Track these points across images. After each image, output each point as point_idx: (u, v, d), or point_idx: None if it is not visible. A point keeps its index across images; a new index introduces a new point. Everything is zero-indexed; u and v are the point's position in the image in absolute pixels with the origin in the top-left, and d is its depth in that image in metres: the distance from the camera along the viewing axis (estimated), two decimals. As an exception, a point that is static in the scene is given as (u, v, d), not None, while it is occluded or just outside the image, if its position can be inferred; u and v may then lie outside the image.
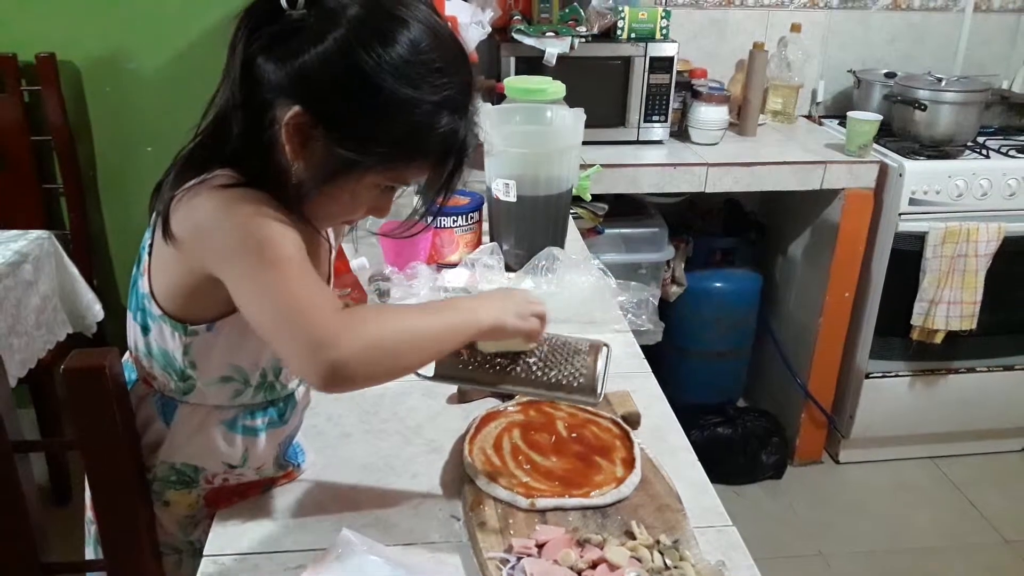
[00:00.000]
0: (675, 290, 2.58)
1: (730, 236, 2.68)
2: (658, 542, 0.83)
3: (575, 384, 0.91)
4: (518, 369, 0.92)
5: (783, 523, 2.43)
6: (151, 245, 0.87)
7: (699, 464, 1.03)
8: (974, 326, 2.37)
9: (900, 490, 2.59)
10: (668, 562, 0.80)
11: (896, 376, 2.52)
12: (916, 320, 2.38)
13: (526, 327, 0.91)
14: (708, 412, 2.62)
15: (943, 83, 2.38)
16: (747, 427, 2.58)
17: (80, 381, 0.80)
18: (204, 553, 0.86)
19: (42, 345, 2.00)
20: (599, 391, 0.91)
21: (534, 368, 0.92)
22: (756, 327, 2.71)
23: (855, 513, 2.49)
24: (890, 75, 2.58)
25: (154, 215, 0.84)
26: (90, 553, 1.01)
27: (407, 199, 1.61)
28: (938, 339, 2.39)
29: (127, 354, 0.93)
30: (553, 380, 0.91)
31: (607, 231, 2.39)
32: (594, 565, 0.80)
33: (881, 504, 2.52)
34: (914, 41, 2.75)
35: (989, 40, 2.77)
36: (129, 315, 0.91)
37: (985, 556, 2.33)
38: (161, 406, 0.91)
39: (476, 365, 0.92)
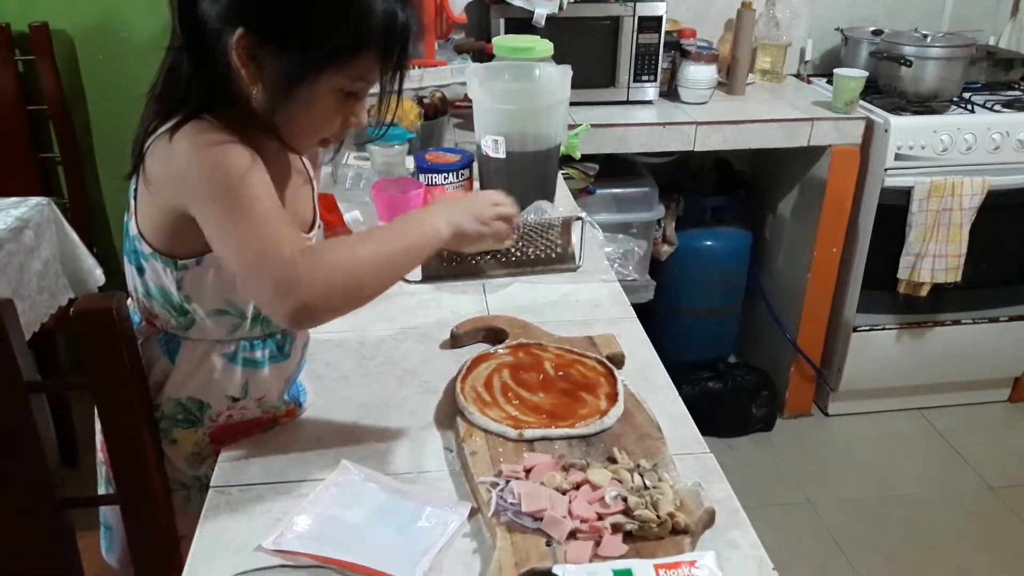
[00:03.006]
0: (666, 249, 2.62)
1: (720, 195, 2.71)
2: (638, 466, 0.88)
3: (553, 255, 0.96)
4: (499, 255, 0.96)
5: (773, 473, 2.50)
6: (135, 190, 0.91)
7: (680, 400, 1.08)
8: (959, 278, 2.42)
9: (887, 440, 2.65)
10: (647, 483, 0.85)
11: (883, 329, 2.57)
12: (902, 274, 2.43)
13: (489, 230, 0.95)
14: (699, 368, 2.68)
15: (928, 39, 2.41)
16: (737, 382, 2.64)
17: (89, 323, 0.85)
18: (211, 485, 0.92)
19: (45, 310, 2.04)
20: (578, 258, 0.95)
21: (513, 250, 0.96)
22: (746, 284, 2.76)
23: (843, 463, 2.55)
24: (877, 32, 2.60)
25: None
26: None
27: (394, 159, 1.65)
28: (924, 292, 2.44)
29: (129, 299, 0.98)
30: (532, 256, 0.96)
31: (598, 191, 2.42)
32: (578, 486, 0.85)
33: (869, 454, 2.59)
34: (901, -2, 2.77)
35: (977, -6, 2.79)
36: (125, 260, 0.95)
37: (969, 502, 2.40)
38: (165, 344, 0.96)
39: (458, 263, 0.97)
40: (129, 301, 0.97)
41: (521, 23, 2.21)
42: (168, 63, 0.88)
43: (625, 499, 0.82)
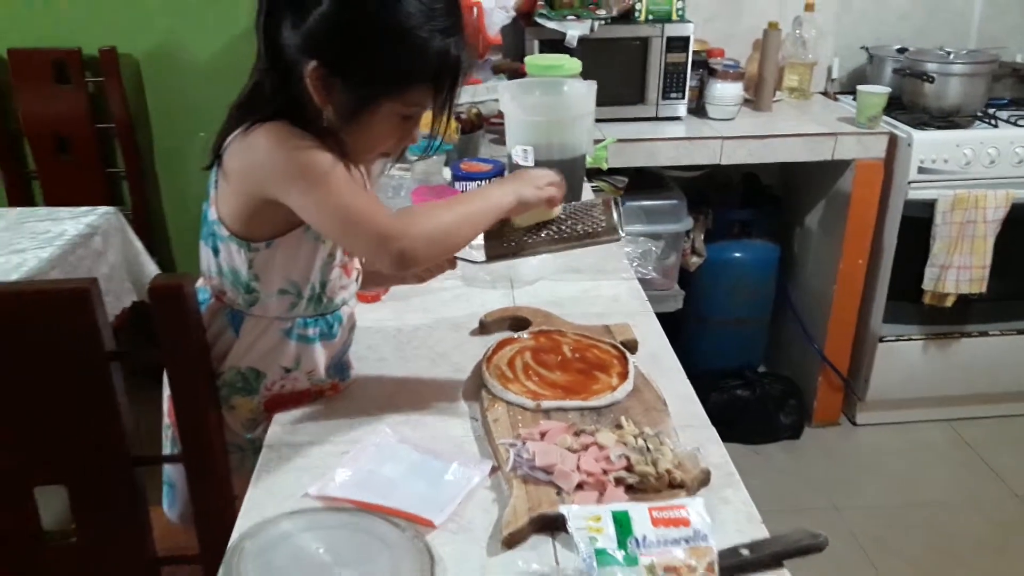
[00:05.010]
0: (695, 260, 2.70)
1: (748, 208, 2.79)
2: (643, 432, 0.98)
3: (600, 229, 1.11)
4: (552, 233, 1.12)
5: (799, 479, 2.55)
6: (216, 181, 1.05)
7: (688, 382, 1.17)
8: (983, 289, 2.46)
9: (915, 450, 2.68)
10: (650, 446, 0.95)
11: (909, 340, 2.62)
12: (927, 284, 2.48)
13: (544, 195, 1.11)
14: (728, 376, 2.74)
15: (951, 56, 2.48)
16: (765, 390, 2.70)
17: (163, 297, 0.98)
18: (265, 444, 1.04)
19: (110, 311, 2.19)
20: (620, 230, 1.10)
21: (564, 228, 1.12)
22: (775, 295, 2.83)
23: (870, 471, 2.60)
24: (902, 51, 2.67)
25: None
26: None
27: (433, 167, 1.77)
28: (949, 303, 2.49)
29: (200, 279, 1.12)
30: (581, 231, 1.12)
31: (628, 203, 2.52)
32: (586, 447, 0.95)
33: (895, 463, 2.63)
34: (927, 16, 2.83)
35: (1004, 12, 2.84)
36: (201, 244, 1.09)
37: (995, 510, 2.43)
38: (231, 318, 1.09)
39: (516, 243, 1.12)
40: (201, 281, 1.12)
41: (554, 44, 2.33)
42: (254, 80, 1.02)
43: (628, 458, 0.92)
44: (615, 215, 1.14)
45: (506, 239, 1.14)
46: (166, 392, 1.11)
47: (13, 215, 2.12)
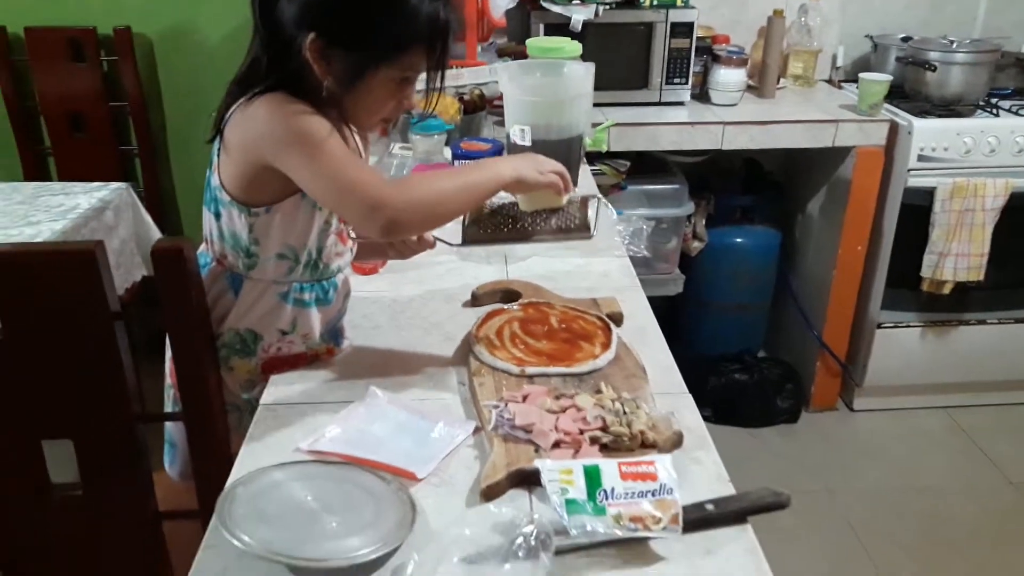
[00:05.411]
0: (696, 245, 2.73)
1: (750, 195, 2.82)
2: (620, 396, 1.02)
3: (572, 226, 1.16)
4: (527, 225, 1.16)
5: (794, 463, 2.59)
6: (218, 150, 1.10)
7: (669, 351, 1.21)
8: (981, 277, 2.48)
9: (911, 436, 2.71)
10: (626, 409, 0.99)
11: (908, 327, 2.64)
12: (926, 272, 2.51)
13: (545, 180, 1.15)
14: (727, 361, 2.78)
15: (954, 45, 2.49)
16: (763, 374, 2.73)
17: (165, 259, 1.03)
18: (261, 403, 1.09)
19: (120, 284, 2.25)
20: (592, 228, 1.15)
21: (539, 220, 1.16)
22: (775, 281, 2.85)
23: (866, 456, 2.63)
24: (906, 39, 2.69)
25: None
26: (169, 413, 1.26)
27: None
28: (946, 290, 2.51)
29: (203, 244, 1.17)
30: (555, 226, 1.16)
31: (630, 188, 2.55)
32: (565, 409, 1.00)
33: (891, 448, 2.66)
34: (932, 6, 2.84)
35: (1010, 4, 2.85)
36: (204, 209, 1.14)
37: (990, 498, 2.45)
38: (231, 280, 1.14)
39: (494, 228, 1.16)
40: (204, 246, 1.17)
41: (559, 28, 2.36)
42: (251, 56, 1.07)
43: (604, 419, 0.97)
44: (590, 213, 1.18)
45: (483, 226, 1.18)
46: (168, 354, 1.16)
47: (29, 189, 2.18)
